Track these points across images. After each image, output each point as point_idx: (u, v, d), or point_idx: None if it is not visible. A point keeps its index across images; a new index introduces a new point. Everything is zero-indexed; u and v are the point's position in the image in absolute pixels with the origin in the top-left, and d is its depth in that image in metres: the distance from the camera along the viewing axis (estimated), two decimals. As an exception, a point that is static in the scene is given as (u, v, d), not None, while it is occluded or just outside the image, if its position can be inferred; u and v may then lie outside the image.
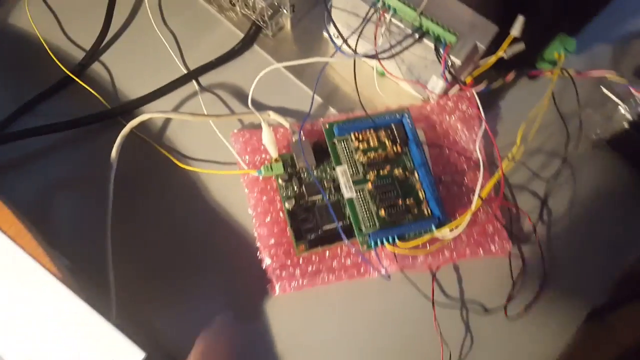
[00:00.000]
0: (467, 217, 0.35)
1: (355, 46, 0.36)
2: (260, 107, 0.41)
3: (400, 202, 0.37)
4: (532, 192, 0.40)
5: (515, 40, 0.34)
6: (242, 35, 0.42)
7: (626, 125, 0.37)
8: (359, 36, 0.36)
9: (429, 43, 0.35)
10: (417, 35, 0.35)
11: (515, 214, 0.39)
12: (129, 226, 0.37)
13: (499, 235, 0.38)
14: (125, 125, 0.37)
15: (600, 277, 0.38)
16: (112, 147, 0.36)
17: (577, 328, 0.37)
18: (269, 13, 0.40)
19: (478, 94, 0.39)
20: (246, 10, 0.41)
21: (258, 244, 0.37)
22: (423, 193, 0.38)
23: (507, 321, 0.37)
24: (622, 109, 0.37)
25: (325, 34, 0.37)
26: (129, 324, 0.34)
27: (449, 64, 0.35)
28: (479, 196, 0.36)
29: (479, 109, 0.37)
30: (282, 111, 0.40)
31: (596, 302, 0.40)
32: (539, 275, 0.38)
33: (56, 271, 0.32)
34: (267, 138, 0.37)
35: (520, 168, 0.40)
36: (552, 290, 0.38)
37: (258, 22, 0.42)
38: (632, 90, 0.35)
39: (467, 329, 0.37)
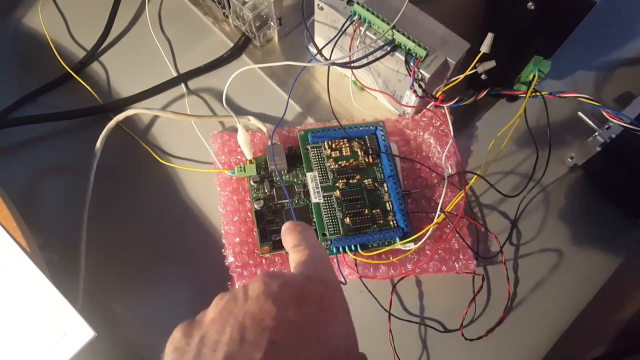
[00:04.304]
0: (430, 229, 0.35)
1: (330, 55, 0.37)
2: (242, 112, 0.43)
3: (366, 211, 0.38)
4: (503, 213, 0.39)
5: (486, 57, 0.35)
6: (232, 45, 0.44)
7: (599, 149, 0.36)
8: (334, 46, 0.37)
9: (400, 56, 0.36)
10: (388, 48, 0.36)
11: (483, 234, 0.38)
12: (105, 214, 0.39)
13: (463, 253, 0.37)
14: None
15: (567, 305, 0.37)
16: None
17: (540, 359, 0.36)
18: (257, 24, 0.42)
19: (455, 113, 0.39)
20: (237, 21, 0.43)
21: (224, 241, 0.38)
22: (390, 204, 0.38)
23: (467, 343, 0.36)
24: (597, 134, 0.37)
25: (304, 44, 0.39)
26: (91, 305, 0.36)
27: (418, 77, 0.36)
28: (442, 210, 0.36)
29: (448, 125, 0.38)
30: (262, 117, 0.42)
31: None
32: (503, 298, 0.37)
33: (27, 247, 0.34)
34: (242, 139, 0.39)
35: (493, 189, 0.39)
36: (516, 315, 0.37)
37: (247, 34, 0.44)
38: (605, 114, 0.35)
39: (423, 345, 0.36)
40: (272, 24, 0.42)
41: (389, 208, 0.38)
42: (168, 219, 0.39)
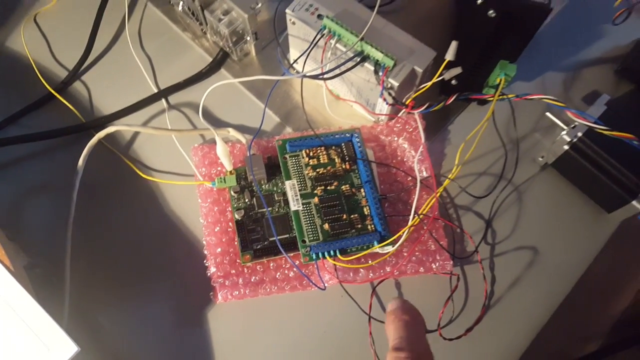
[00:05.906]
0: (406, 231, 0.36)
1: (303, 67, 0.39)
2: (222, 124, 0.44)
3: (344, 216, 0.38)
4: (478, 213, 0.40)
5: (452, 64, 0.36)
6: (211, 60, 0.46)
7: (567, 148, 0.37)
8: (306, 58, 0.38)
9: (370, 67, 0.37)
10: (358, 59, 0.37)
11: (459, 235, 0.39)
12: (89, 230, 0.40)
13: (440, 254, 0.38)
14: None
15: (543, 301, 0.38)
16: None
17: (520, 355, 0.37)
18: (234, 40, 0.43)
19: (427, 118, 0.41)
20: (215, 37, 0.45)
21: (206, 252, 0.38)
22: (368, 209, 0.39)
23: (446, 343, 0.37)
24: (564, 133, 0.38)
25: (277, 58, 0.40)
26: (76, 320, 0.36)
27: (388, 85, 0.37)
28: (416, 213, 0.37)
29: (419, 130, 0.39)
30: (242, 128, 0.43)
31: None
32: (480, 297, 0.38)
33: (9, 265, 0.34)
34: (221, 151, 0.40)
35: (466, 190, 0.40)
36: (494, 313, 0.38)
37: (225, 49, 0.45)
38: (569, 114, 0.36)
39: (404, 346, 0.37)
40: (248, 38, 0.44)
41: (366, 213, 0.39)
42: (151, 232, 0.40)
